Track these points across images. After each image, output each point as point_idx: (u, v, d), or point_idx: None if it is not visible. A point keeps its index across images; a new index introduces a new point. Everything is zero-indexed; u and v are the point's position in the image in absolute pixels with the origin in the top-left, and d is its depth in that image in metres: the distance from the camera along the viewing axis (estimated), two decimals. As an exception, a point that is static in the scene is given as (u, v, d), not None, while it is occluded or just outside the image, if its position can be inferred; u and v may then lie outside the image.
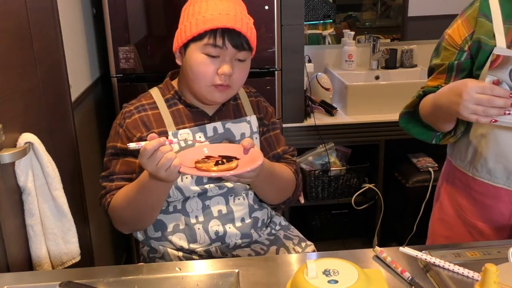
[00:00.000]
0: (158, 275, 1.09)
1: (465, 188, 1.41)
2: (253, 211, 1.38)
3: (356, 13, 3.15)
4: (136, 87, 2.32)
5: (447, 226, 1.49)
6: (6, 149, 1.24)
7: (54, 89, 1.66)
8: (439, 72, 1.38)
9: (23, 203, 1.34)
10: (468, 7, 1.35)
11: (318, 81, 2.77)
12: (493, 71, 1.14)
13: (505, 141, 1.28)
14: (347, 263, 1.00)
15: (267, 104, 1.47)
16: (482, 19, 1.29)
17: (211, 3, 1.24)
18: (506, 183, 1.32)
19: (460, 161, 1.42)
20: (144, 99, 1.35)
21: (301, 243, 1.44)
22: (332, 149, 2.73)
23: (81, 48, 2.19)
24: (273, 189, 1.38)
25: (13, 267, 1.29)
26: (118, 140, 1.31)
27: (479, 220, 1.39)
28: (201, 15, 1.23)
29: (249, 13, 1.31)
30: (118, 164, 1.31)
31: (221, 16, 1.22)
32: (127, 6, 2.20)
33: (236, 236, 1.34)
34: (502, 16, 1.27)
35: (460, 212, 1.44)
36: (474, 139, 1.35)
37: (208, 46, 1.23)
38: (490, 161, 1.32)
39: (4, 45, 1.31)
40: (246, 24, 1.25)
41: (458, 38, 1.34)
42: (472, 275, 1.03)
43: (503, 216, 1.34)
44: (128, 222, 1.31)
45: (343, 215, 3.01)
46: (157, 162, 1.08)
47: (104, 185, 1.32)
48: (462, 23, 1.35)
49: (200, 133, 1.32)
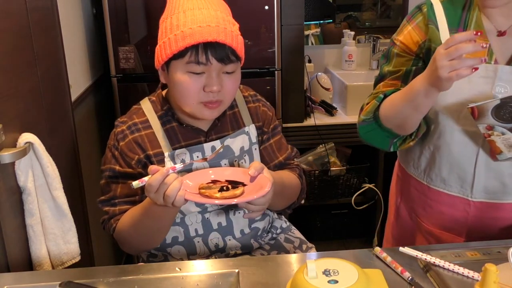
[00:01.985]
0: (158, 275, 1.08)
1: (420, 196, 1.41)
2: (253, 222, 1.35)
3: (356, 13, 3.15)
4: (136, 87, 2.32)
5: (404, 232, 1.50)
6: (6, 149, 1.24)
7: (54, 89, 1.66)
8: (394, 78, 1.34)
9: (23, 203, 1.34)
10: (417, 13, 1.33)
11: (318, 81, 2.77)
12: (479, 121, 1.15)
13: (458, 151, 1.28)
14: (347, 263, 1.00)
15: (267, 108, 1.39)
16: (433, 27, 1.28)
17: (189, 14, 1.14)
18: (460, 191, 1.32)
19: (414, 169, 1.41)
20: (136, 117, 1.27)
21: (302, 245, 1.43)
22: (332, 149, 2.73)
23: (81, 48, 2.19)
24: (282, 200, 1.35)
25: (13, 267, 1.29)
26: (116, 163, 1.25)
27: (435, 227, 1.39)
28: (180, 30, 1.13)
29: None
30: (118, 188, 1.25)
31: (201, 29, 1.12)
32: (127, 6, 2.21)
33: (236, 247, 1.32)
34: (448, 24, 1.26)
35: (416, 219, 1.44)
36: (427, 149, 1.35)
37: (191, 63, 1.14)
38: (444, 171, 1.32)
39: (4, 45, 1.31)
40: (230, 33, 1.15)
41: (412, 45, 1.32)
42: (472, 275, 1.03)
43: (459, 224, 1.35)
44: (136, 246, 1.29)
45: (343, 215, 3.01)
46: (163, 195, 1.06)
47: (106, 210, 1.27)
48: (413, 30, 1.32)
49: (198, 152, 1.26)
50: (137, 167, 1.24)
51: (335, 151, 2.76)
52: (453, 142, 1.28)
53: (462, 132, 1.27)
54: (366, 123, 1.37)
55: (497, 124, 1.14)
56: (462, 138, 1.27)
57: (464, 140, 1.27)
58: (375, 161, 2.75)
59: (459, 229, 1.35)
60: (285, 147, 1.40)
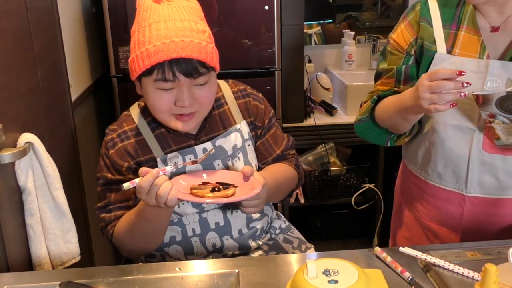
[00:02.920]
0: (158, 275, 1.08)
1: (419, 191, 1.42)
2: (251, 221, 1.34)
3: (356, 13, 3.15)
4: (136, 87, 2.32)
5: (406, 228, 1.51)
6: (6, 149, 1.24)
7: (54, 89, 1.66)
8: (388, 76, 1.38)
9: (23, 203, 1.34)
10: (410, 11, 1.35)
11: (318, 81, 2.77)
12: (482, 107, 1.15)
13: (451, 146, 1.29)
14: (347, 263, 1.00)
15: (258, 102, 1.35)
16: (424, 24, 1.30)
17: (154, 29, 1.11)
18: (455, 186, 1.33)
19: (413, 165, 1.43)
20: (126, 124, 1.27)
21: (301, 245, 1.43)
22: (332, 149, 2.73)
23: (81, 48, 2.19)
24: (279, 195, 1.37)
25: (13, 267, 1.29)
26: (108, 172, 1.26)
27: (433, 223, 1.40)
28: (145, 47, 1.11)
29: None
30: (112, 195, 1.26)
31: (165, 46, 1.09)
32: (127, 6, 2.21)
33: (233, 248, 1.32)
34: (442, 20, 1.28)
35: (416, 214, 1.45)
36: (423, 144, 1.37)
37: (158, 81, 1.12)
38: (439, 166, 1.34)
39: (4, 45, 1.31)
40: (197, 45, 1.11)
41: (403, 43, 1.34)
42: (472, 275, 1.03)
43: (455, 219, 1.35)
44: (135, 250, 1.29)
45: (343, 215, 3.01)
46: (155, 195, 1.06)
47: (102, 217, 1.27)
48: (405, 28, 1.35)
49: (190, 155, 1.25)
50: (128, 173, 1.24)
51: (335, 151, 2.76)
52: (447, 138, 1.30)
53: (455, 128, 1.28)
54: (362, 122, 1.41)
55: (499, 114, 1.14)
56: (455, 134, 1.28)
57: (457, 136, 1.28)
58: (375, 161, 2.74)
59: (456, 224, 1.36)
60: (281, 138, 1.39)
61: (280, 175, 1.33)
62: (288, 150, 1.41)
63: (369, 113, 1.38)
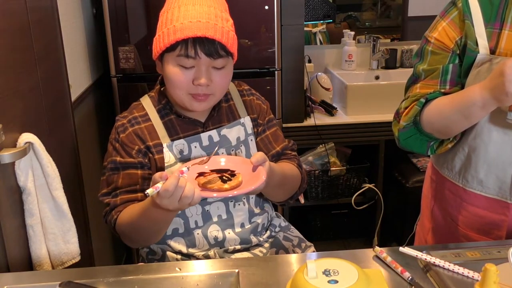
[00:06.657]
0: (158, 275, 1.08)
1: (456, 199, 1.37)
2: (253, 216, 1.36)
3: (356, 13, 3.15)
4: (136, 87, 2.32)
5: (440, 236, 1.46)
6: (6, 149, 1.24)
7: (54, 89, 1.66)
8: (431, 77, 1.31)
9: (23, 203, 1.34)
10: (450, 9, 1.30)
11: (318, 81, 2.77)
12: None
13: (495, 151, 1.25)
14: (347, 263, 1.00)
15: (261, 101, 1.43)
16: (468, 22, 1.24)
17: (183, 10, 1.19)
18: (499, 193, 1.28)
19: (448, 171, 1.37)
20: (136, 111, 1.32)
21: (301, 244, 1.44)
22: (332, 149, 2.73)
23: (81, 48, 2.19)
24: (283, 191, 1.38)
25: (13, 267, 1.29)
26: (117, 155, 1.28)
27: (472, 231, 1.35)
28: (172, 24, 1.18)
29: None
30: (120, 178, 1.27)
31: (191, 24, 1.17)
32: (127, 6, 2.21)
33: (235, 241, 1.33)
34: (484, 19, 1.23)
35: (452, 223, 1.40)
36: (461, 150, 1.32)
37: (180, 57, 1.19)
38: (481, 172, 1.28)
39: (4, 45, 1.31)
40: (220, 29, 1.19)
41: (448, 42, 1.29)
42: (472, 275, 1.02)
43: (498, 227, 1.30)
44: (136, 241, 1.31)
45: (343, 215, 3.01)
46: (178, 199, 1.07)
47: (107, 202, 1.28)
48: (448, 26, 1.29)
49: (195, 142, 1.30)
50: (138, 156, 1.27)
51: (335, 151, 2.76)
52: (491, 142, 1.25)
53: (500, 132, 1.23)
54: (407, 129, 1.34)
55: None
56: (500, 138, 1.23)
57: (502, 140, 1.23)
58: (375, 161, 2.75)
59: (498, 233, 1.30)
60: (281, 138, 1.43)
61: (288, 170, 1.35)
62: (288, 149, 1.43)
63: (413, 118, 1.31)
